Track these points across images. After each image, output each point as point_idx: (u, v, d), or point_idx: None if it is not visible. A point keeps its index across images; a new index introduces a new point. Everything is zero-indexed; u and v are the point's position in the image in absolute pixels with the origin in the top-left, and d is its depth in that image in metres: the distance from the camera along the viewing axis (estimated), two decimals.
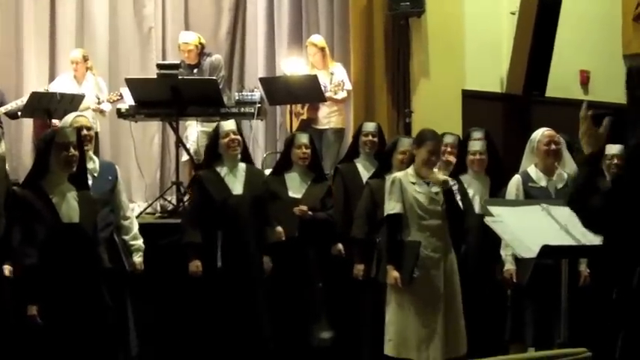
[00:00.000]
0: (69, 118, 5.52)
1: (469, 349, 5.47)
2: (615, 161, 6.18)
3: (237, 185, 5.93)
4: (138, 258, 5.53)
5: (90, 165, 5.31)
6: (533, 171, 5.92)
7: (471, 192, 6.12)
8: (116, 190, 5.51)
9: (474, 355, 5.31)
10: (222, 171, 5.95)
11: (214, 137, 6.05)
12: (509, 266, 5.78)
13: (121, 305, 5.33)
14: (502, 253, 5.81)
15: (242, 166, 6.01)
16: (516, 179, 5.90)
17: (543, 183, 5.85)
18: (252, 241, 5.88)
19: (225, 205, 5.84)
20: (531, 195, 5.74)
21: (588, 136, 3.25)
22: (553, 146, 5.91)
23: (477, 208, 6.03)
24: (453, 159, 6.34)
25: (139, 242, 5.58)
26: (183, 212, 6.72)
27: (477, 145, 6.24)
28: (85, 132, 5.36)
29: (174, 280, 5.96)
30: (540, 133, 5.97)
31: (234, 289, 5.75)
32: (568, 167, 6.27)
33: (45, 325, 4.47)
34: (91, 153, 5.50)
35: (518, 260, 5.69)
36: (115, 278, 5.18)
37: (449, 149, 6.42)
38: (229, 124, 6.00)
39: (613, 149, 6.21)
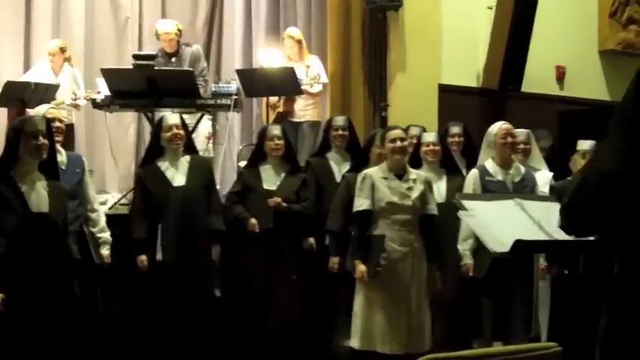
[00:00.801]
0: (42, 109, 5.49)
1: (433, 343, 5.50)
2: (587, 157, 6.22)
3: (178, 177, 5.89)
4: (105, 251, 5.53)
5: (58, 157, 5.28)
6: (490, 165, 5.95)
7: None
8: (84, 182, 5.50)
9: (437, 350, 5.32)
10: (163, 165, 5.93)
11: (156, 130, 6.02)
12: (467, 260, 5.83)
13: (91, 299, 5.29)
14: (459, 247, 5.84)
15: (185, 158, 5.98)
16: (474, 173, 5.93)
17: (500, 177, 5.89)
18: (201, 231, 5.89)
19: (167, 199, 5.83)
20: (488, 189, 5.79)
21: None
22: (509, 139, 5.94)
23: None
24: None
25: (106, 235, 5.58)
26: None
27: (430, 136, 6.29)
28: (57, 124, 5.37)
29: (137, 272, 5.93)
30: (497, 127, 6.00)
31: (183, 282, 5.74)
32: (535, 161, 6.31)
33: (11, 314, 4.43)
34: (58, 146, 5.46)
35: (476, 254, 5.75)
36: (86, 271, 5.15)
37: (414, 141, 6.43)
38: (173, 118, 5.98)
39: (585, 145, 6.26)
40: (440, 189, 6.06)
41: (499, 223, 4.38)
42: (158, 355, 5.79)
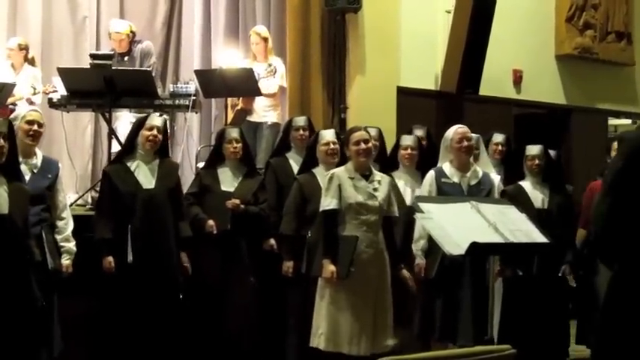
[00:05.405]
0: (22, 111, 5.43)
1: (396, 344, 5.52)
2: (536, 162, 6.29)
3: (148, 179, 5.83)
4: (66, 261, 5.38)
5: (32, 160, 5.28)
6: (447, 167, 6.02)
7: (401, 185, 6.22)
8: (55, 188, 5.38)
9: (400, 351, 5.35)
10: (133, 165, 5.85)
11: (137, 127, 5.93)
12: (419, 260, 5.92)
13: (48, 302, 5.18)
14: (413, 247, 5.91)
15: (155, 161, 5.91)
16: (430, 175, 6.01)
17: (456, 179, 5.95)
18: (168, 234, 5.83)
19: (135, 200, 5.76)
20: (444, 190, 5.87)
21: None
22: (465, 142, 5.99)
23: (408, 201, 6.11)
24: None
25: (71, 245, 5.44)
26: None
27: (407, 140, 6.38)
28: (35, 127, 5.32)
29: (102, 273, 5.86)
30: (453, 131, 6.06)
31: (149, 284, 5.68)
32: (483, 165, 6.38)
33: None
34: (36, 149, 5.40)
35: (427, 255, 5.82)
36: (43, 274, 5.08)
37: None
38: (157, 120, 5.90)
39: (533, 150, 6.33)
40: (415, 190, 6.23)
41: (455, 226, 4.43)
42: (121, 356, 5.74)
